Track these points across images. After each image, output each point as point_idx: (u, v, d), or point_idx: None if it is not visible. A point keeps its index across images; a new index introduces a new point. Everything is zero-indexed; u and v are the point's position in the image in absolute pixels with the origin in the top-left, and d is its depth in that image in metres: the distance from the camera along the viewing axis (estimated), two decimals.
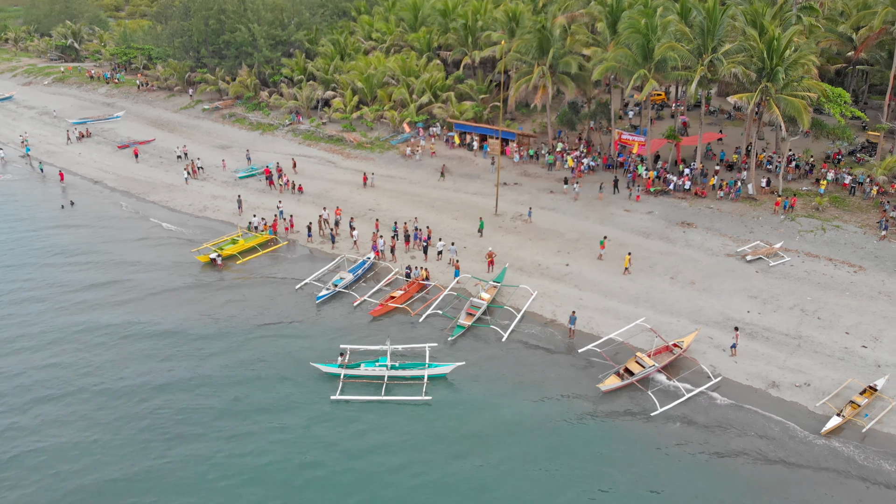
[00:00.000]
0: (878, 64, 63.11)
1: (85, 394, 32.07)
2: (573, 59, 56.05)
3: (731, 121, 70.47)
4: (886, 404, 30.51)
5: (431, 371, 33.01)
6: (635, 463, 27.73)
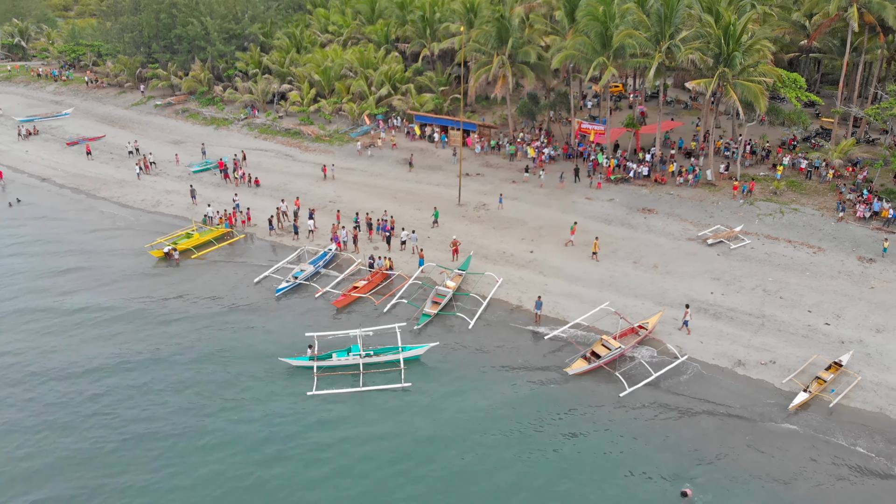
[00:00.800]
0: (830, 52, 64.34)
1: (39, 388, 30.80)
2: (532, 49, 55.80)
3: (687, 110, 71.34)
4: (852, 379, 30.82)
5: (406, 354, 32.54)
6: (606, 444, 27.48)
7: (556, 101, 61.51)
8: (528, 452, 27.18)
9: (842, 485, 25.44)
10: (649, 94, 75.06)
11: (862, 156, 53.43)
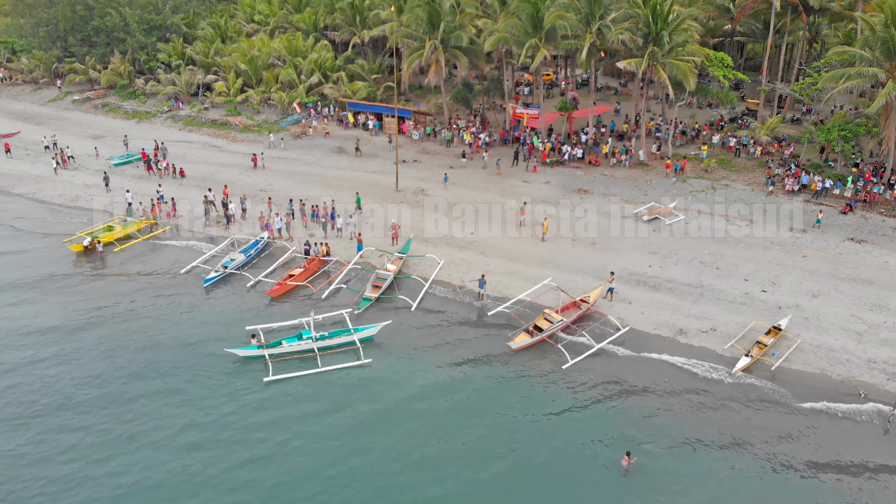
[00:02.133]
0: (753, 35, 66.06)
1: None
2: (464, 33, 55.24)
3: (617, 96, 72.31)
4: (792, 342, 31.30)
5: (360, 335, 31.77)
6: (550, 415, 27.10)
7: (490, 87, 61.22)
8: (474, 425, 26.54)
9: (787, 443, 25.65)
10: (580, 82, 75.82)
11: (788, 132, 55.00)
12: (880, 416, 26.92)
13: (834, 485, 23.78)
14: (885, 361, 29.97)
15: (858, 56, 43.44)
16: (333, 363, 30.44)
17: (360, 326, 32.47)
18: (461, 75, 60.97)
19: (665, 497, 23.35)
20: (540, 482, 23.97)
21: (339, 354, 31.06)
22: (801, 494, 23.42)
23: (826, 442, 25.69)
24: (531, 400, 28.02)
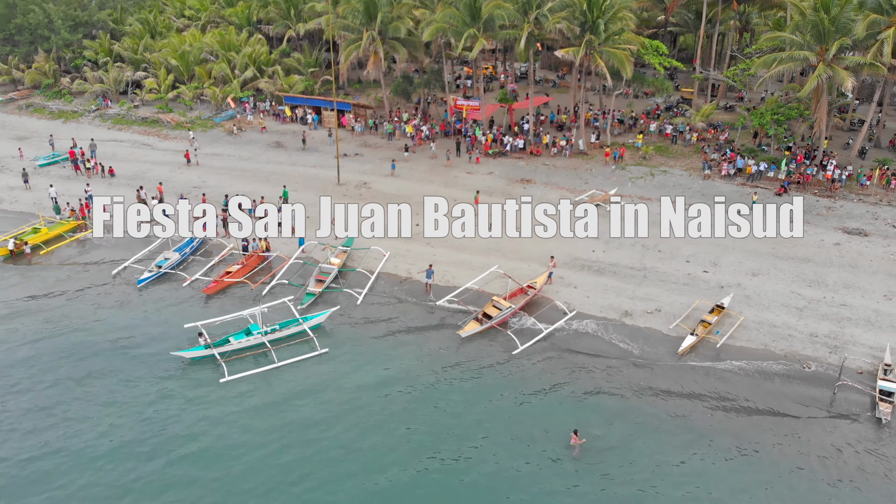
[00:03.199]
0: (686, 26, 67.38)
1: None
2: (402, 24, 54.56)
3: (556, 88, 72.80)
4: (735, 320, 31.80)
5: (310, 323, 31.08)
6: (500, 400, 26.92)
7: (431, 79, 60.71)
8: (427, 413, 26.20)
9: (735, 417, 26.00)
10: (519, 75, 76.09)
11: (722, 119, 56.27)
12: (824, 388, 27.47)
13: (776, 457, 24.11)
14: (826, 335, 30.72)
15: (789, 41, 44.59)
16: (290, 356, 29.67)
17: (307, 315, 31.75)
18: (400, 68, 60.31)
19: (615, 473, 23.37)
20: (491, 465, 23.73)
21: (294, 346, 30.32)
22: (746, 468, 23.66)
23: (769, 416, 26.07)
24: (482, 386, 27.74)
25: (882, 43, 40.99)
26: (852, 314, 32.18)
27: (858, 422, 25.64)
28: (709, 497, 22.50)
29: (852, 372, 28.24)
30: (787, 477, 23.22)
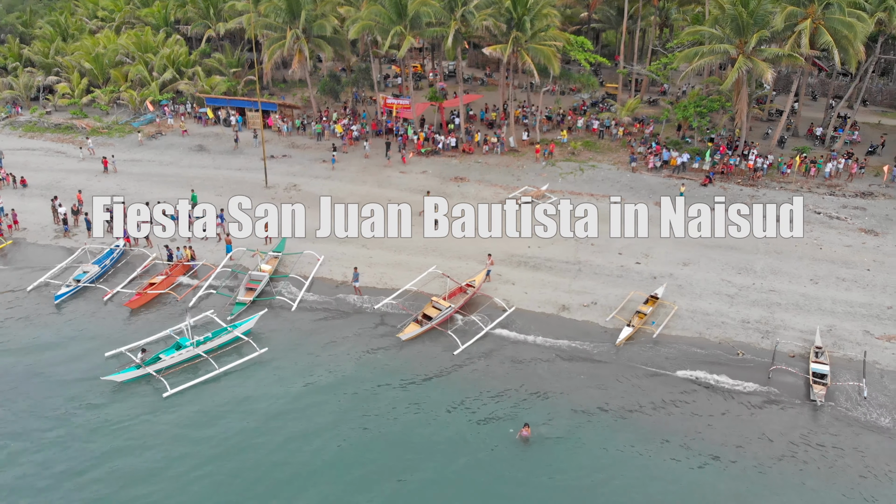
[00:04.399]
0: (608, 22, 68.57)
1: None
2: (327, 22, 53.47)
3: (484, 86, 72.93)
4: (669, 310, 32.25)
5: (240, 329, 30.20)
6: (445, 400, 26.48)
7: (359, 77, 59.75)
8: (370, 417, 25.54)
9: (675, 407, 26.24)
10: (447, 73, 75.91)
11: (647, 113, 57.41)
12: (759, 373, 28.09)
13: (717, 443, 24.42)
14: (757, 321, 31.50)
15: (709, 34, 45.74)
16: (231, 361, 28.74)
17: (236, 323, 30.79)
18: (327, 66, 59.13)
19: (563, 466, 23.28)
20: (438, 466, 23.32)
21: (232, 352, 29.38)
22: (689, 456, 23.88)
23: (708, 403, 26.46)
24: (425, 387, 27.24)
25: (799, 34, 42.49)
26: (781, 299, 33.14)
27: (794, 405, 26.26)
28: (653, 485, 22.60)
29: (785, 356, 29.01)
30: (728, 464, 23.51)
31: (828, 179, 46.66)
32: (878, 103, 64.65)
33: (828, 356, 28.29)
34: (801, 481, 22.75)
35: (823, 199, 44.16)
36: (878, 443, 24.31)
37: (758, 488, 22.48)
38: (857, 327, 30.82)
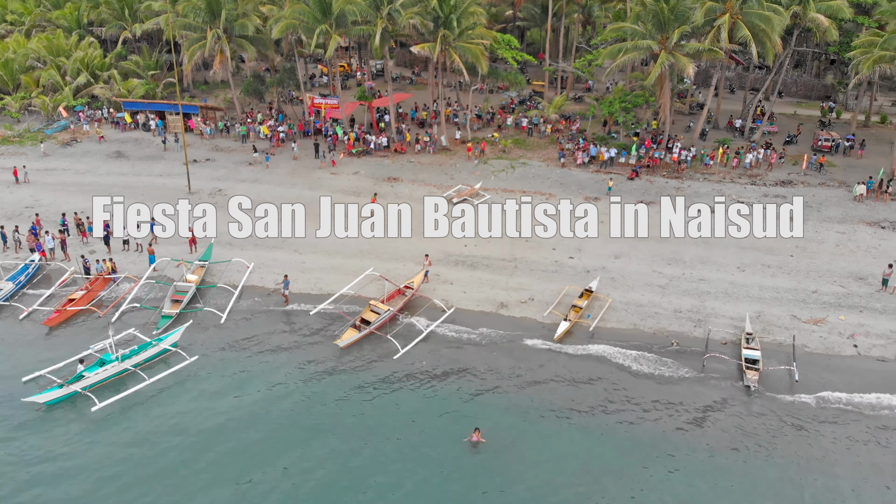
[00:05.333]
0: (533, 20, 69.16)
1: None
2: (249, 21, 51.99)
3: (413, 85, 72.54)
4: (604, 303, 32.64)
5: (166, 342, 29.00)
6: (389, 407, 25.88)
7: (284, 78, 58.36)
8: (310, 428, 24.68)
9: (615, 399, 26.47)
10: (375, 73, 75.17)
11: (573, 109, 58.20)
12: (694, 361, 28.68)
13: (657, 434, 24.73)
14: (689, 310, 32.22)
15: (631, 31, 46.61)
16: (161, 372, 27.51)
17: (160, 337, 29.52)
18: (250, 67, 57.57)
19: (511, 468, 23.02)
20: (385, 475, 22.63)
21: (161, 364, 28.12)
22: (631, 448, 24.09)
23: (646, 393, 26.82)
24: (366, 395, 26.56)
25: (719, 29, 43.76)
26: (711, 288, 34.02)
27: (729, 391, 26.91)
28: (600, 479, 22.64)
29: (717, 343, 29.75)
30: (664, 457, 23.70)
31: (749, 169, 48.30)
32: (792, 94, 67.65)
33: (758, 342, 29.16)
34: (738, 466, 23.24)
35: (745, 188, 45.67)
36: (810, 424, 25.12)
37: (699, 476, 22.82)
38: (784, 312, 31.92)
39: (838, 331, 30.50)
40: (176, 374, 27.53)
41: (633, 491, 22.28)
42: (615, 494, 22.13)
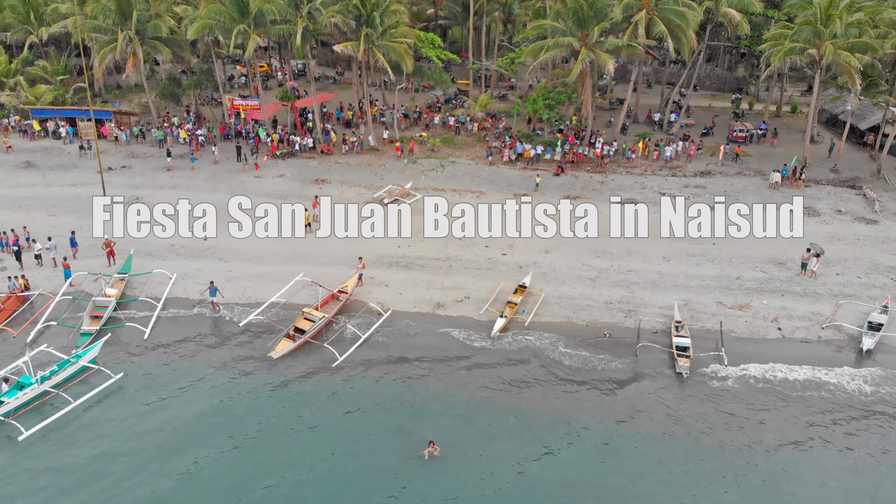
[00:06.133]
0: (455, 19, 69.31)
1: None
2: (163, 22, 49.93)
3: (337, 85, 71.68)
4: (538, 297, 32.93)
5: (85, 359, 27.71)
6: (332, 420, 25.18)
7: (201, 80, 56.48)
8: (249, 448, 23.73)
9: (555, 393, 26.73)
10: (297, 73, 73.86)
11: (498, 107, 58.65)
12: (626, 352, 29.28)
13: (596, 425, 25.12)
14: (619, 301, 32.90)
15: (552, 28, 47.25)
16: (86, 392, 26.15)
17: (79, 353, 28.01)
18: (165, 69, 55.46)
19: (462, 474, 22.74)
20: (329, 492, 22.01)
21: (84, 384, 26.69)
22: (576, 442, 24.38)
23: (585, 386, 27.22)
24: (306, 408, 25.73)
25: (636, 25, 44.85)
26: (639, 278, 34.85)
27: (662, 379, 27.57)
28: (548, 476, 22.76)
29: (648, 333, 30.49)
30: (601, 447, 24.07)
31: (669, 162, 49.80)
32: (707, 87, 70.23)
33: (687, 329, 30.05)
34: (674, 454, 23.79)
35: (667, 180, 47.06)
36: (741, 408, 25.97)
37: (636, 465, 23.26)
38: (710, 299, 33.01)
39: (762, 315, 31.77)
40: (101, 394, 26.22)
41: (569, 481, 22.46)
42: (550, 487, 22.20)
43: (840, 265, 36.30)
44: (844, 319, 31.44)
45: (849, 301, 32.92)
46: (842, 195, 44.87)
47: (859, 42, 42.82)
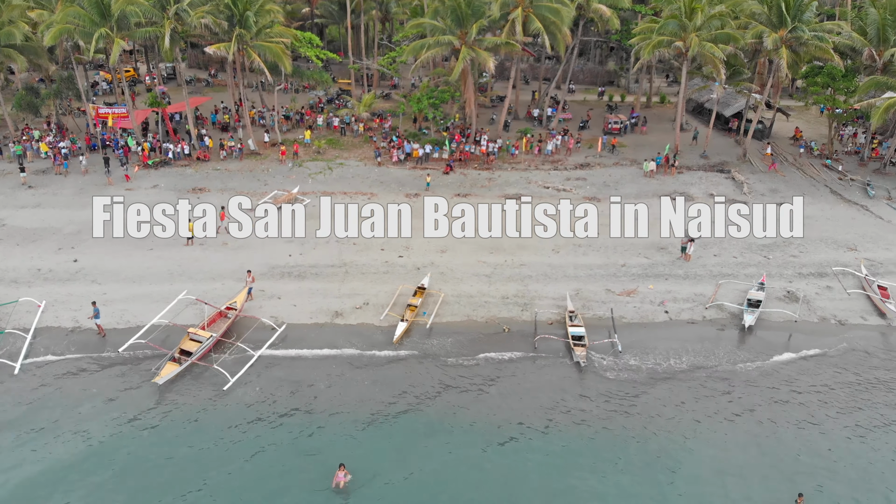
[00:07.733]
0: (331, 17, 68.12)
1: None
2: (16, 29, 45.87)
3: (210, 87, 68.88)
4: (437, 298, 32.81)
5: None
6: (230, 451, 23.61)
7: (61, 88, 52.39)
8: (134, 488, 21.97)
9: (459, 393, 26.64)
10: (166, 76, 70.21)
11: (383, 107, 58.12)
12: (525, 345, 29.66)
13: (499, 420, 25.28)
14: (515, 295, 33.34)
15: (431, 26, 47.21)
16: None
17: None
18: (21, 78, 51.06)
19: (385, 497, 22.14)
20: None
21: None
22: (487, 441, 24.42)
23: (490, 383, 27.34)
24: (198, 439, 24.04)
25: (513, 22, 45.57)
26: (531, 272, 35.48)
27: (561, 369, 28.14)
28: (467, 477, 22.66)
29: (545, 324, 31.06)
30: (508, 441, 24.33)
31: (550, 156, 51.10)
32: (580, 82, 72.67)
33: (581, 318, 30.85)
34: (578, 443, 24.31)
35: (549, 174, 48.29)
36: (638, 392, 26.94)
37: (547, 456, 23.58)
38: (599, 287, 34.09)
39: (650, 299, 33.15)
40: None
41: (480, 480, 22.48)
42: (458, 487, 22.12)
43: (717, 246, 38.51)
44: (725, 298, 33.37)
45: (727, 280, 34.97)
46: (712, 179, 47.70)
47: (722, 33, 45.64)
